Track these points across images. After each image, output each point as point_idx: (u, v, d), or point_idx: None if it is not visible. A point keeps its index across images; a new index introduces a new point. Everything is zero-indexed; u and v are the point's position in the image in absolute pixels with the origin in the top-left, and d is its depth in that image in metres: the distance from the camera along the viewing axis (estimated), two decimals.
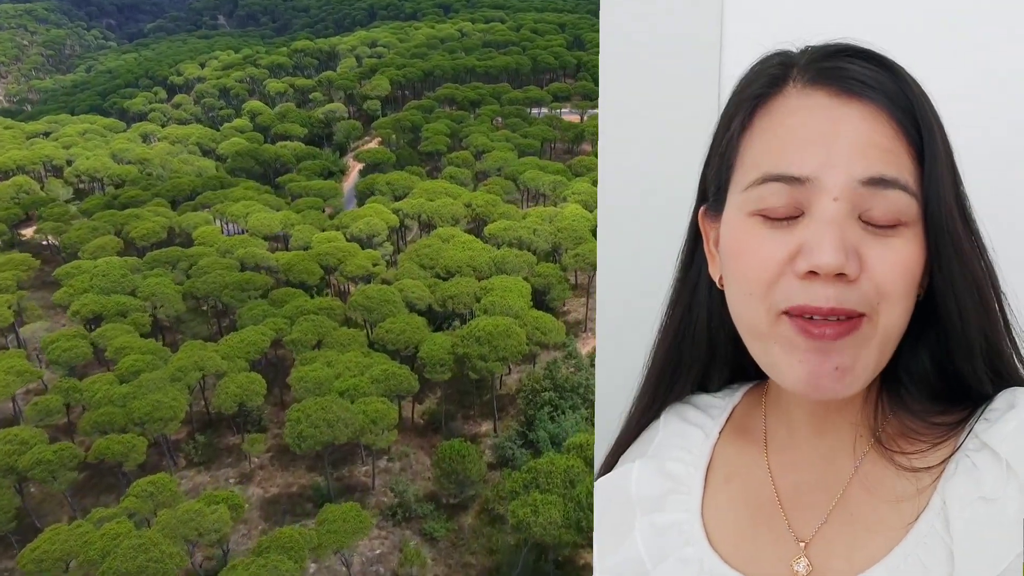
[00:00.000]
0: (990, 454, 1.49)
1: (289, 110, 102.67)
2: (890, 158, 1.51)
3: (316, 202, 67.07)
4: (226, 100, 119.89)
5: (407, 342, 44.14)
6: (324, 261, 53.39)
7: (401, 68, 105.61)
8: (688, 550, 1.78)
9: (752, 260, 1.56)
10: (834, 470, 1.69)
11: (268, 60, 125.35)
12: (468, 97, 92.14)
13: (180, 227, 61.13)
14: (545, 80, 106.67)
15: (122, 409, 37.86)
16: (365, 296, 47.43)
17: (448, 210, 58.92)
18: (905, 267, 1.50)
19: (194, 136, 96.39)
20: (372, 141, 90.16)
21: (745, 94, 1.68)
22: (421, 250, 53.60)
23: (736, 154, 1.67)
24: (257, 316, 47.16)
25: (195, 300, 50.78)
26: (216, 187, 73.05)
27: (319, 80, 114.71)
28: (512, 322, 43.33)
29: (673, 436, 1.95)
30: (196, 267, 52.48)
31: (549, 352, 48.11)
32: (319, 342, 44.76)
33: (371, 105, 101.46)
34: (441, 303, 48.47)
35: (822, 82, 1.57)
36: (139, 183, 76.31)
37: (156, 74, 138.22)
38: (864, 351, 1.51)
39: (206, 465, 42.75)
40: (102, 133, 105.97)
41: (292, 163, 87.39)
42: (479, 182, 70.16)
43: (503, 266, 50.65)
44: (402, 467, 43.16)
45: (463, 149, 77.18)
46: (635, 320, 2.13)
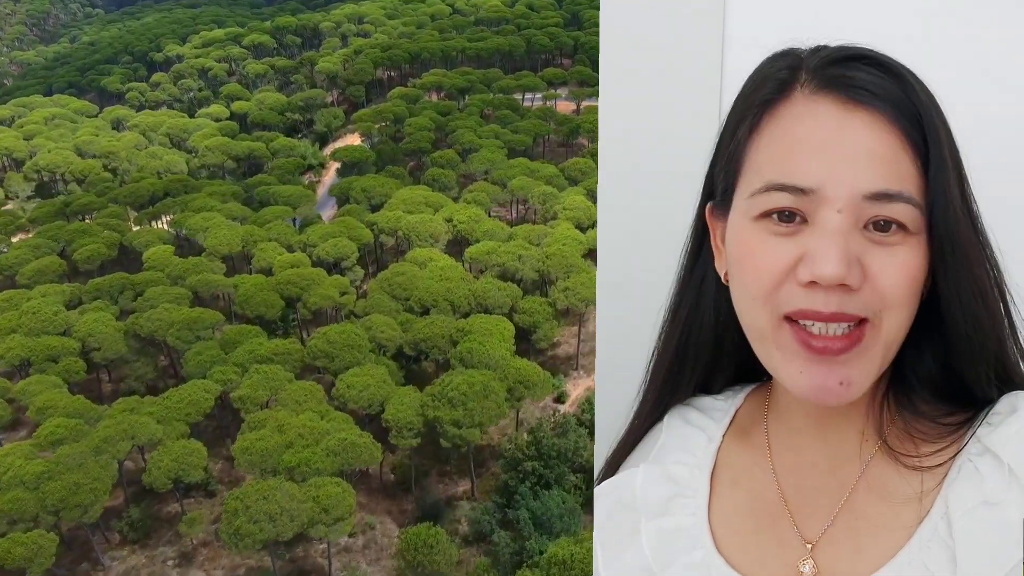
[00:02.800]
0: (992, 458, 1.50)
1: (268, 96, 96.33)
2: (893, 171, 1.52)
3: (285, 211, 61.20)
4: (205, 80, 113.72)
5: (371, 399, 38.73)
6: (286, 291, 47.79)
7: (387, 51, 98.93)
8: (695, 554, 1.78)
9: (756, 265, 1.58)
10: (839, 473, 1.72)
11: (249, 39, 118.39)
12: (456, 85, 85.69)
13: (131, 244, 55.39)
14: (540, 63, 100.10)
15: (34, 494, 32.51)
16: (327, 340, 41.90)
17: (426, 227, 53.09)
18: (908, 276, 1.52)
19: (165, 125, 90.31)
20: (354, 132, 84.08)
21: (753, 99, 1.68)
22: (394, 278, 47.94)
23: (743, 157, 1.68)
24: (205, 363, 41.68)
25: (139, 339, 45.23)
26: (179, 192, 67.29)
27: (301, 61, 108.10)
28: (490, 378, 37.86)
29: (676, 439, 1.94)
30: (143, 298, 46.94)
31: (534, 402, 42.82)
32: (272, 398, 39.37)
33: (354, 91, 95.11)
34: (413, 345, 43.01)
35: (829, 89, 1.58)
36: (97, 186, 70.45)
37: (136, 49, 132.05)
38: (867, 361, 1.53)
39: (141, 543, 37.51)
40: (72, 119, 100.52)
41: (267, 157, 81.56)
42: (463, 187, 64.33)
43: (484, 301, 45.04)
44: (365, 543, 37.97)
45: (448, 147, 71.17)
46: (635, 321, 2.10)
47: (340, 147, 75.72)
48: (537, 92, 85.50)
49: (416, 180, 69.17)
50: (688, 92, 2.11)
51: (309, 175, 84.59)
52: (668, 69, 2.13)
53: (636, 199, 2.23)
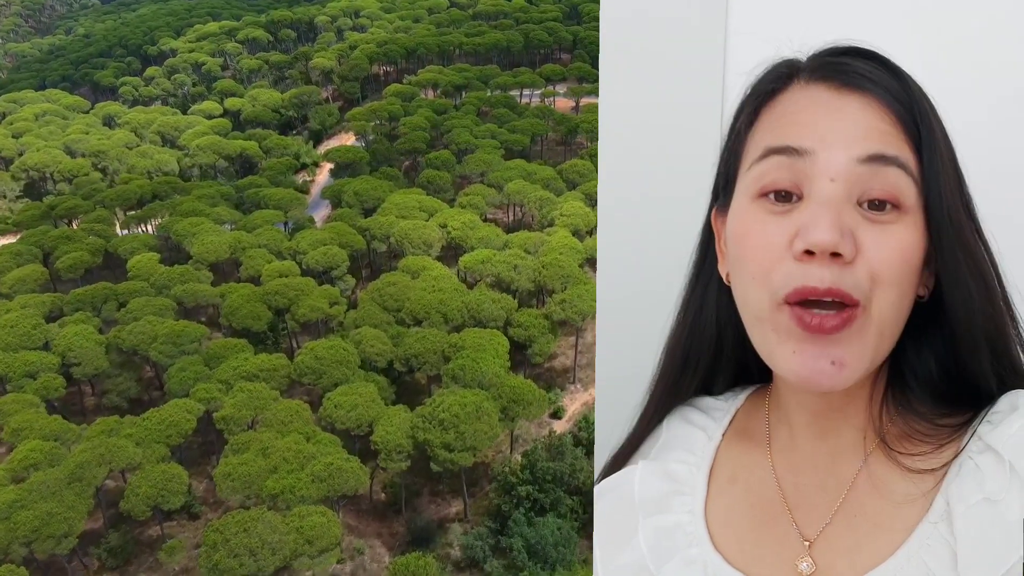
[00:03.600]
0: (993, 456, 1.49)
1: (261, 93, 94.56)
2: (889, 139, 1.53)
3: (275, 215, 59.62)
4: (199, 75, 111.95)
5: (359, 420, 37.25)
6: (274, 302, 46.30)
7: (382, 46, 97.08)
8: (692, 551, 1.76)
9: (754, 243, 1.59)
10: (838, 471, 1.70)
11: (244, 33, 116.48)
12: (453, 82, 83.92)
13: (116, 251, 53.84)
14: (539, 58, 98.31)
15: (5, 524, 31.12)
16: (315, 356, 40.42)
17: (419, 234, 51.50)
18: (901, 253, 1.50)
19: (156, 123, 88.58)
20: (349, 131, 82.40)
21: (752, 92, 1.72)
22: (385, 288, 46.41)
23: (743, 146, 1.70)
24: (188, 379, 40.22)
25: (121, 353, 43.72)
26: (168, 194, 65.71)
27: (295, 56, 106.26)
28: (483, 398, 36.38)
29: (676, 438, 1.92)
30: (126, 310, 45.44)
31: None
32: (257, 418, 37.91)
33: (349, 88, 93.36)
34: (404, 361, 41.52)
35: (824, 76, 1.62)
36: (85, 187, 68.82)
37: (130, 42, 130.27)
38: (860, 343, 1.52)
39: (121, 569, 36.12)
40: (63, 115, 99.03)
41: (260, 157, 79.92)
42: (459, 189, 62.74)
43: (478, 313, 43.52)
44: (353, 570, 36.57)
45: (444, 147, 69.53)
46: (635, 321, 2.07)
47: (334, 147, 74.05)
48: (535, 89, 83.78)
49: (411, 181, 67.64)
50: (690, 91, 2.05)
51: (303, 174, 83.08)
52: (669, 68, 2.07)
53: (636, 202, 2.17)
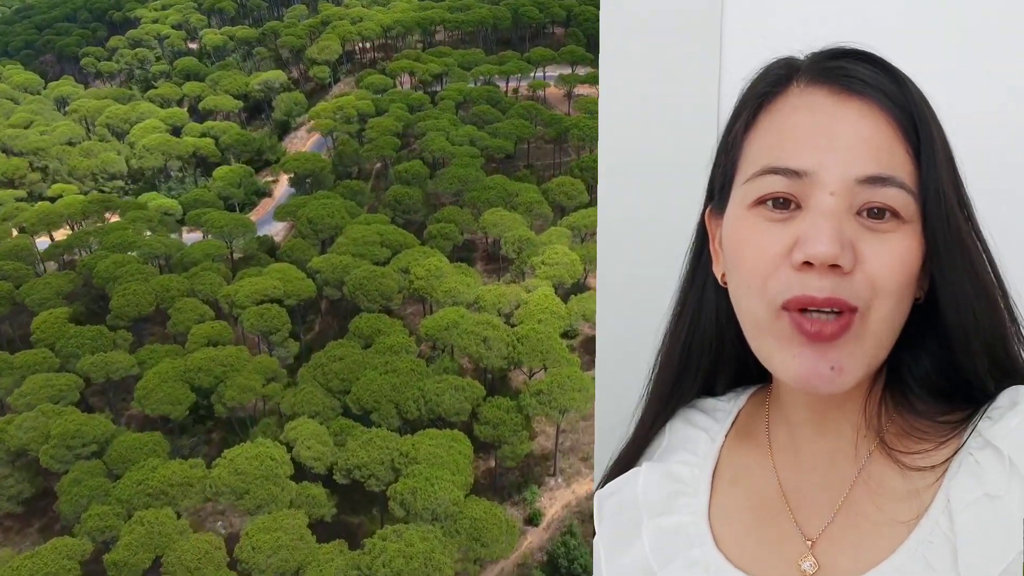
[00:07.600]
0: (993, 451, 1.47)
1: (223, 77, 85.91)
2: (886, 157, 1.51)
3: (218, 248, 51.85)
4: (161, 48, 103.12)
5: (283, 567, 30.12)
6: (198, 380, 38.90)
7: (356, 23, 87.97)
8: (694, 552, 1.76)
9: (750, 252, 1.56)
10: (838, 470, 1.68)
11: (210, 3, 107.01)
12: (431, 71, 75.24)
13: (24, 300, 46.27)
14: (528, 35, 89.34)
15: None
16: (234, 469, 33.10)
17: (376, 285, 43.85)
18: (901, 262, 1.48)
19: (105, 113, 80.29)
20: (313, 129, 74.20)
21: (749, 96, 1.71)
22: (330, 364, 38.90)
23: (740, 151, 1.68)
24: (82, 498, 33.09)
25: (9, 451, 36.48)
26: (98, 211, 57.89)
27: (263, 31, 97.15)
28: (435, 545, 29.20)
29: (679, 440, 1.93)
30: (19, 393, 38.12)
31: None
32: (159, 560, 30.80)
33: (319, 72, 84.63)
34: (346, 472, 34.26)
35: (824, 80, 1.59)
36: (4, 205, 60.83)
37: (96, 6, 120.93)
38: (858, 349, 1.50)
39: None
40: (13, 97, 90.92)
41: (216, 157, 71.88)
42: (431, 209, 54.94)
43: (437, 406, 36.12)
44: None
45: (417, 155, 61.48)
46: (635, 321, 2.10)
47: (291, 156, 65.89)
48: (523, 78, 75.31)
49: (379, 189, 59.99)
50: (689, 92, 2.08)
51: (267, 173, 75.24)
52: (666, 70, 2.09)
53: (637, 204, 2.18)
